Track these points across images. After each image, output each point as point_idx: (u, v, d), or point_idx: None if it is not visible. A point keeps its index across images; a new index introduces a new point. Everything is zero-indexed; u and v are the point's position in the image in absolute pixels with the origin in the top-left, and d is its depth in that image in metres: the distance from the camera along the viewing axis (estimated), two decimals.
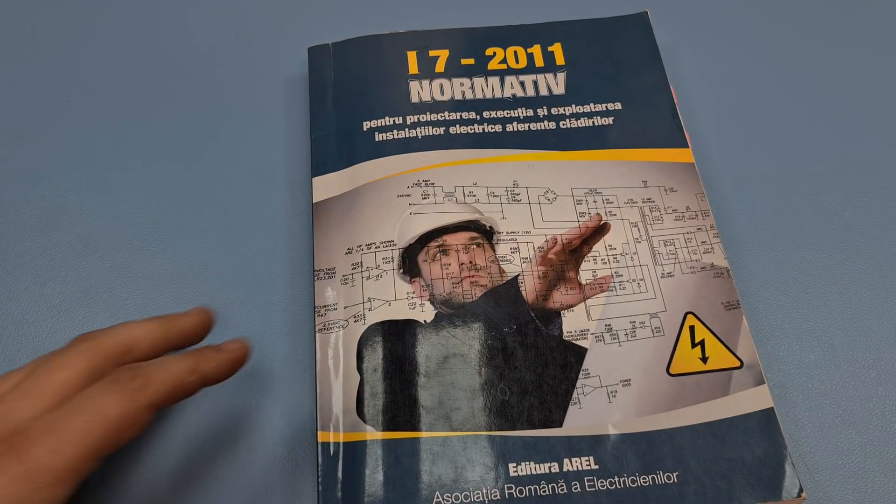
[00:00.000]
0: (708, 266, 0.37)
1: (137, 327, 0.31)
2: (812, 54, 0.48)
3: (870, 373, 0.37)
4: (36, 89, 0.47)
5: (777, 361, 0.37)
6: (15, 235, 0.42)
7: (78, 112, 0.46)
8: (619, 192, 0.40)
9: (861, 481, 0.34)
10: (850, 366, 0.37)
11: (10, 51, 0.49)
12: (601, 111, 0.43)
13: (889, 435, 0.35)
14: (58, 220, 0.42)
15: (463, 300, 0.36)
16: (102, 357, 0.29)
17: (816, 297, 0.39)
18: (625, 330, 0.36)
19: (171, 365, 0.30)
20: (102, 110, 0.46)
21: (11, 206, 0.42)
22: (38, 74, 0.48)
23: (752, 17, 0.50)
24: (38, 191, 0.43)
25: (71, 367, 0.28)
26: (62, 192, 0.43)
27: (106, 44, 0.49)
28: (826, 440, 0.35)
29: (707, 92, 0.46)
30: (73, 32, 0.50)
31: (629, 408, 0.34)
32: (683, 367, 0.35)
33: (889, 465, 0.35)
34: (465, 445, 0.32)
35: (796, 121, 0.45)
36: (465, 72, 0.44)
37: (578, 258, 0.38)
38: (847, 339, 0.38)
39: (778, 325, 0.38)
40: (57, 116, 0.46)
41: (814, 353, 0.38)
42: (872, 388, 0.37)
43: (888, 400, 0.36)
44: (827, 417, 0.36)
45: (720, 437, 0.33)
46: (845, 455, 0.35)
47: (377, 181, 0.40)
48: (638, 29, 0.46)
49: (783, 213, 0.42)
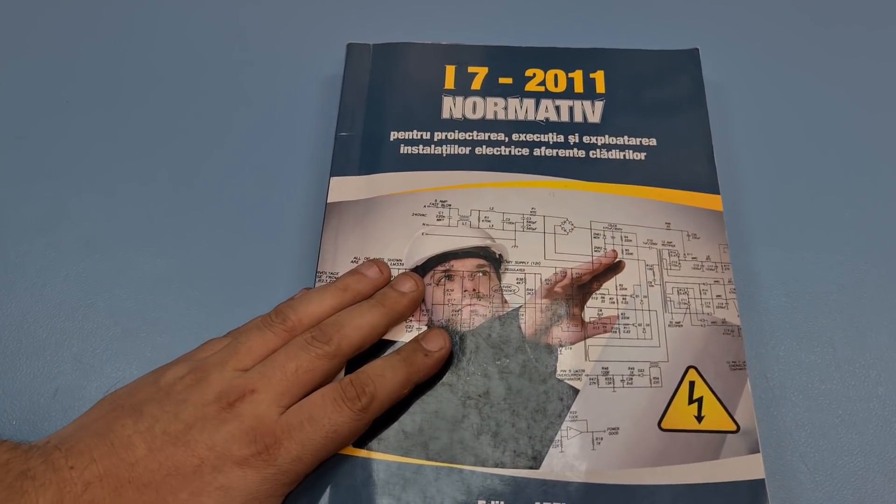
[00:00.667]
0: (719, 321, 0.36)
1: (367, 321, 0.34)
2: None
3: (870, 373, 0.37)
4: (36, 89, 0.48)
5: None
6: (15, 236, 0.42)
7: (78, 112, 0.47)
8: (640, 230, 0.39)
9: (861, 481, 0.34)
10: (850, 366, 0.37)
11: (11, 51, 0.50)
12: (634, 145, 0.41)
13: (889, 435, 0.35)
14: (58, 221, 0.42)
15: (460, 328, 0.36)
16: (341, 359, 0.33)
17: (816, 297, 0.39)
18: (622, 375, 0.35)
19: (390, 379, 0.32)
20: (103, 110, 0.47)
21: (11, 206, 0.43)
22: (38, 74, 0.49)
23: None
24: (38, 191, 0.44)
25: (314, 371, 0.32)
26: (62, 192, 0.43)
27: (106, 43, 0.50)
28: (826, 440, 0.35)
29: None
30: (73, 32, 0.51)
31: (612, 457, 0.33)
32: (676, 423, 0.34)
33: (889, 465, 0.34)
34: (438, 476, 0.32)
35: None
36: (501, 91, 0.44)
37: (586, 294, 0.37)
38: (847, 339, 0.38)
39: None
40: (57, 116, 0.47)
41: (814, 354, 0.37)
42: (872, 388, 0.37)
43: (888, 400, 0.36)
44: (827, 417, 0.36)
45: (703, 502, 0.32)
46: (845, 455, 0.35)
47: (395, 195, 0.40)
48: (686, 66, 0.44)
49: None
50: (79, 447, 0.29)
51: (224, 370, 0.32)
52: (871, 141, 0.45)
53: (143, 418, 0.30)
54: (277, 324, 0.34)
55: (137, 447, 0.29)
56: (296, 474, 0.30)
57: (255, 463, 0.29)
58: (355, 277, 0.36)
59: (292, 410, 0.31)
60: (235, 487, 0.29)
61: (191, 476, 0.28)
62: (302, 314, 0.34)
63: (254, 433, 0.30)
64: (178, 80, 0.48)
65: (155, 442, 0.29)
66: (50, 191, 0.44)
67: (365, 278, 0.36)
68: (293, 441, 0.30)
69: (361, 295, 0.35)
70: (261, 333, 0.33)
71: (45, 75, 0.49)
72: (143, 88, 0.48)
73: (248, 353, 0.33)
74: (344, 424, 0.31)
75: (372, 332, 0.34)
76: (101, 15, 0.52)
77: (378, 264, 0.37)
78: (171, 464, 0.29)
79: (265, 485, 0.29)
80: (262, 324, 0.34)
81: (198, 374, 0.31)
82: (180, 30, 0.51)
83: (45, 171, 0.44)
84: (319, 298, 0.35)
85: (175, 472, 0.28)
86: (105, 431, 0.29)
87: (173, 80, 0.48)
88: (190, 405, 0.30)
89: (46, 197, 0.43)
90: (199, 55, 0.49)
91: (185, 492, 0.28)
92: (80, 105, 0.47)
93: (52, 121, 0.47)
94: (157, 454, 0.29)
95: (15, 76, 0.49)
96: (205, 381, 0.31)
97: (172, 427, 0.29)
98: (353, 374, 0.32)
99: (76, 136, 0.46)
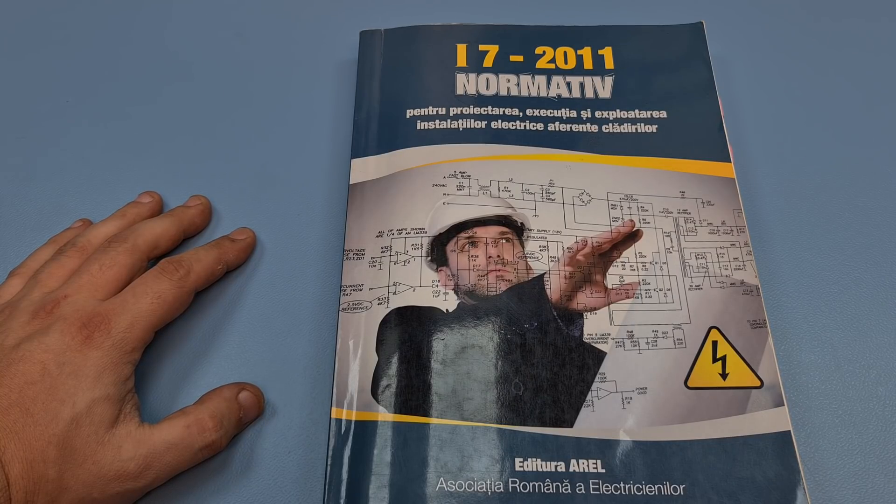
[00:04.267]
0: (738, 282, 0.37)
1: (158, 225, 0.38)
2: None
3: (870, 373, 0.37)
4: (36, 89, 0.48)
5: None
6: (15, 235, 0.42)
7: (78, 112, 0.47)
8: (655, 200, 0.40)
9: (861, 481, 0.34)
10: (850, 366, 0.37)
11: (11, 51, 0.50)
12: (645, 118, 0.42)
13: (889, 435, 0.35)
14: (58, 221, 0.42)
15: (487, 293, 0.36)
16: (139, 254, 0.36)
17: (816, 297, 0.39)
18: (646, 338, 0.35)
19: (203, 256, 0.37)
20: (103, 110, 0.47)
21: (11, 206, 0.43)
22: (39, 74, 0.49)
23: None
24: (38, 191, 0.43)
25: (118, 265, 0.35)
26: (62, 192, 0.43)
27: (106, 43, 0.50)
28: (826, 440, 0.35)
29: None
30: (73, 32, 0.51)
31: (642, 415, 0.33)
32: (702, 381, 0.34)
33: (889, 465, 0.34)
34: (474, 435, 0.33)
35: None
36: (513, 68, 0.44)
37: (607, 262, 0.38)
38: (847, 339, 0.38)
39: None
40: (57, 116, 0.47)
41: (814, 353, 0.38)
42: (872, 388, 0.37)
43: (888, 400, 0.36)
44: (827, 417, 0.36)
45: (732, 455, 0.32)
46: (845, 455, 0.35)
47: (414, 168, 0.40)
48: (692, 39, 0.45)
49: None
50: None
51: (32, 297, 0.34)
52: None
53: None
54: (69, 248, 0.37)
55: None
56: (135, 340, 0.33)
57: (93, 342, 0.32)
58: (131, 205, 0.41)
59: (114, 297, 0.34)
60: (83, 368, 0.31)
61: (41, 380, 0.30)
62: (90, 236, 0.38)
63: (81, 321, 0.32)
64: (188, 76, 0.48)
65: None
66: (50, 191, 0.43)
67: (139, 204, 0.41)
68: (122, 313, 0.33)
69: (140, 217, 0.40)
70: (56, 261, 0.36)
71: (45, 75, 0.48)
72: (149, 83, 0.48)
73: (49, 277, 0.35)
74: (167, 291, 0.35)
75: (164, 234, 0.38)
76: (101, 14, 0.52)
77: (150, 193, 0.42)
78: (19, 380, 0.30)
79: (110, 355, 0.32)
80: (56, 254, 0.36)
81: (9, 309, 0.34)
82: (189, 25, 0.51)
83: (45, 171, 0.44)
84: (103, 224, 0.39)
85: (26, 384, 0.30)
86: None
87: (184, 76, 0.48)
88: (12, 331, 0.32)
89: (46, 197, 0.43)
90: (207, 51, 0.49)
91: (43, 394, 0.30)
92: (81, 105, 0.47)
93: (52, 121, 0.46)
94: (3, 380, 0.30)
95: (15, 76, 0.49)
96: (17, 310, 0.33)
97: (4, 353, 0.31)
98: (169, 257, 0.36)
99: (76, 136, 0.46)
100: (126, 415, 0.32)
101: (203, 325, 0.38)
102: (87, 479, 0.30)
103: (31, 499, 0.29)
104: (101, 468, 0.30)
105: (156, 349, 0.37)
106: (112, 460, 0.30)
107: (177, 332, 0.38)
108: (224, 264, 0.39)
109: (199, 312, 0.39)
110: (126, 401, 0.32)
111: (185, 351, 0.38)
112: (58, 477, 0.29)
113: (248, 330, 0.38)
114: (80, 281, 0.34)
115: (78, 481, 0.30)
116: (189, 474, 0.34)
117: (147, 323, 0.34)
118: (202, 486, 0.34)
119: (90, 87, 0.48)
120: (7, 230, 0.42)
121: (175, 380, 0.37)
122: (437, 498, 0.31)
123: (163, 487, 0.33)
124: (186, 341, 0.38)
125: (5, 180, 0.44)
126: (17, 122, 0.46)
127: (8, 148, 0.45)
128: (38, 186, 0.44)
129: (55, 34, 0.51)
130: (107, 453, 0.30)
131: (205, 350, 0.38)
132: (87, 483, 0.30)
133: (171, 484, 0.34)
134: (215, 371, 0.37)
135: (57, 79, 0.48)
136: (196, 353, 0.38)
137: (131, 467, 0.31)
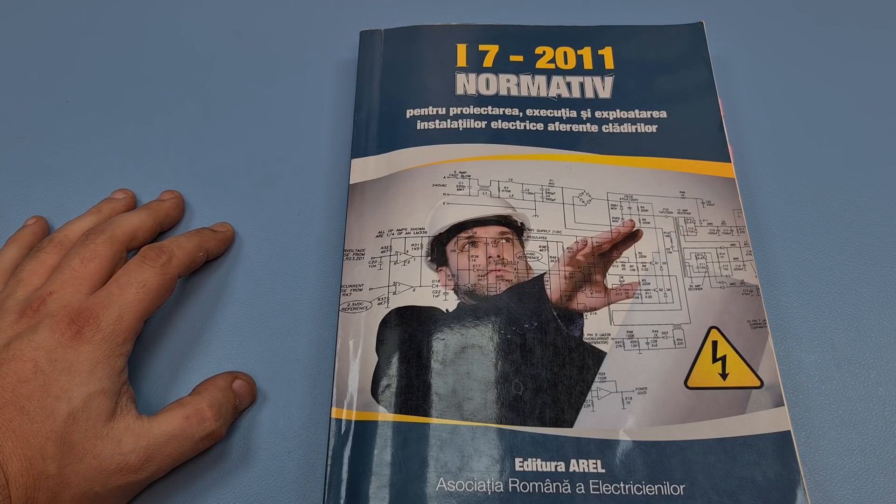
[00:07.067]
0: (738, 283, 0.37)
1: (135, 218, 0.38)
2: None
3: (870, 373, 0.37)
4: (36, 89, 0.48)
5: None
6: None
7: (78, 112, 0.47)
8: (655, 200, 0.40)
9: (861, 481, 0.34)
10: (850, 366, 0.37)
11: (11, 51, 0.50)
12: (645, 118, 0.42)
13: (889, 435, 0.35)
14: (58, 220, 0.42)
15: (487, 293, 0.36)
16: (118, 244, 0.36)
17: (816, 297, 0.39)
18: (646, 338, 0.35)
19: (185, 242, 0.37)
20: (103, 110, 0.47)
21: (11, 206, 0.43)
22: (39, 74, 0.48)
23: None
24: (38, 191, 0.43)
25: (98, 257, 0.35)
26: (62, 192, 0.43)
27: (107, 43, 0.50)
28: (826, 440, 0.35)
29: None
30: (73, 32, 0.51)
31: (642, 415, 0.33)
32: (702, 381, 0.34)
33: (889, 465, 0.34)
34: (474, 435, 0.33)
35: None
36: (513, 68, 0.44)
37: (607, 262, 0.38)
38: (847, 339, 0.38)
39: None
40: (57, 116, 0.47)
41: (814, 353, 0.38)
42: (872, 388, 0.37)
43: (888, 400, 0.36)
44: (827, 417, 0.36)
45: (732, 455, 0.32)
46: (845, 455, 0.35)
47: (414, 168, 0.40)
48: (692, 40, 0.45)
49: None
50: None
51: (17, 296, 0.34)
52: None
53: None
54: (47, 244, 0.37)
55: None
56: (125, 331, 0.33)
57: (83, 337, 0.32)
58: (105, 201, 0.41)
59: (100, 290, 0.34)
60: (76, 363, 0.31)
61: (33, 377, 0.30)
62: (67, 231, 0.38)
63: (69, 317, 0.32)
64: (188, 76, 0.48)
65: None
66: (50, 191, 0.43)
67: (114, 200, 0.41)
68: (109, 306, 0.33)
69: (115, 212, 0.40)
70: (36, 258, 0.36)
71: (45, 75, 0.48)
72: (150, 83, 0.48)
73: (31, 275, 0.35)
74: (151, 279, 0.34)
75: (141, 225, 0.38)
76: (101, 15, 0.52)
77: (123, 189, 0.42)
78: (11, 379, 0.30)
79: (101, 349, 0.32)
80: (34, 253, 0.36)
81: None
82: (189, 25, 0.51)
83: (45, 171, 0.44)
84: (79, 219, 0.39)
85: (19, 383, 0.30)
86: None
87: (184, 75, 0.48)
88: (0, 331, 0.32)
89: (46, 196, 0.43)
90: (208, 51, 0.49)
91: (37, 391, 0.30)
92: (80, 105, 0.47)
93: (52, 121, 0.46)
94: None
95: (15, 76, 0.48)
96: (3, 310, 0.33)
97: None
98: (150, 244, 0.36)
99: (76, 136, 0.46)
100: (123, 407, 0.32)
101: (203, 324, 0.38)
102: (89, 473, 0.30)
103: (33, 495, 0.29)
104: (102, 462, 0.30)
105: (156, 349, 0.38)
106: (113, 454, 0.30)
107: (176, 332, 0.38)
108: (205, 251, 0.39)
109: (198, 311, 0.39)
110: (122, 393, 0.32)
111: (185, 351, 0.38)
112: (58, 473, 0.29)
113: (248, 330, 0.38)
114: (64, 276, 0.34)
115: (79, 476, 0.30)
116: (188, 473, 0.34)
117: (135, 313, 0.33)
118: (202, 487, 0.34)
119: (90, 87, 0.48)
120: (7, 230, 0.42)
121: (175, 380, 0.37)
122: (437, 498, 0.31)
123: (163, 487, 0.33)
124: (186, 341, 0.38)
125: (5, 180, 0.44)
126: (17, 122, 0.46)
127: (8, 148, 0.45)
128: (39, 186, 0.44)
129: (55, 34, 0.51)
130: (107, 447, 0.30)
131: (205, 350, 0.38)
132: (89, 477, 0.30)
133: (170, 479, 0.34)
134: (215, 371, 0.37)
135: (57, 79, 0.48)
136: (196, 353, 0.38)
137: (132, 460, 0.31)
